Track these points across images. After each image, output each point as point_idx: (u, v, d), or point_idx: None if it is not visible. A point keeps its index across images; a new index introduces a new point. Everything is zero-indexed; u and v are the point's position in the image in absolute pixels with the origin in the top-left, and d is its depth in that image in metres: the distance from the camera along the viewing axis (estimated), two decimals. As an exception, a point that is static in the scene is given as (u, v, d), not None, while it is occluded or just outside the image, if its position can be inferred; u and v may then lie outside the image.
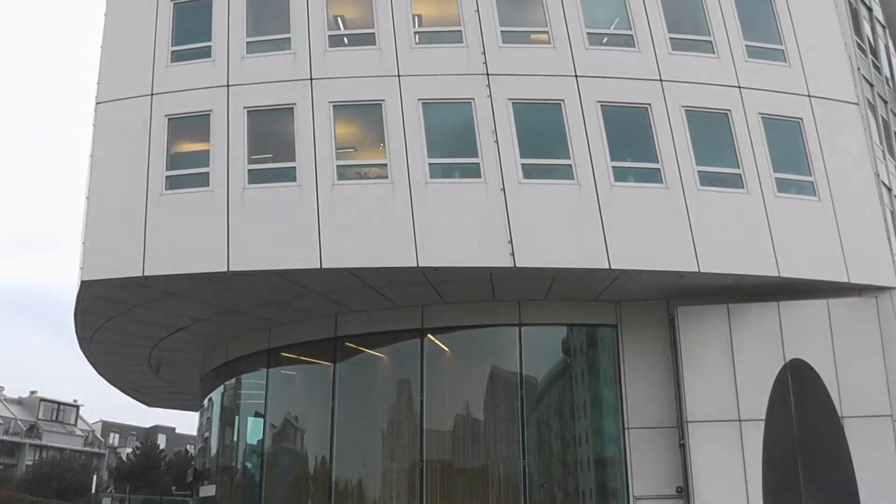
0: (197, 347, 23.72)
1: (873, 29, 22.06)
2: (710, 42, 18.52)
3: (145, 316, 20.25)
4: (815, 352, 17.66)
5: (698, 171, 17.41)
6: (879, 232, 18.26)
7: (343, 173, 17.40)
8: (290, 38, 18.53)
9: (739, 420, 17.46)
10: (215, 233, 17.21)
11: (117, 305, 19.51)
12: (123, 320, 20.55)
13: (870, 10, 22.17)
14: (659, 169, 17.40)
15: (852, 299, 17.97)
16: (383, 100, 17.64)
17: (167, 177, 17.92)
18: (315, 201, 17.06)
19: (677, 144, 17.51)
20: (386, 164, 17.28)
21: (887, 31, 22.13)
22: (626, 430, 18.59)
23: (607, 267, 16.70)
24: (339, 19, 19.09)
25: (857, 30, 21.01)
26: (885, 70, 21.97)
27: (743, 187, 17.60)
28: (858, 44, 20.69)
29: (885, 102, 21.39)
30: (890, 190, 19.87)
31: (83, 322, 20.98)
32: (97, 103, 18.92)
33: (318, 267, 16.74)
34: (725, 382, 17.73)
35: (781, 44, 18.76)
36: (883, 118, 21.05)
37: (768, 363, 17.74)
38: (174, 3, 19.64)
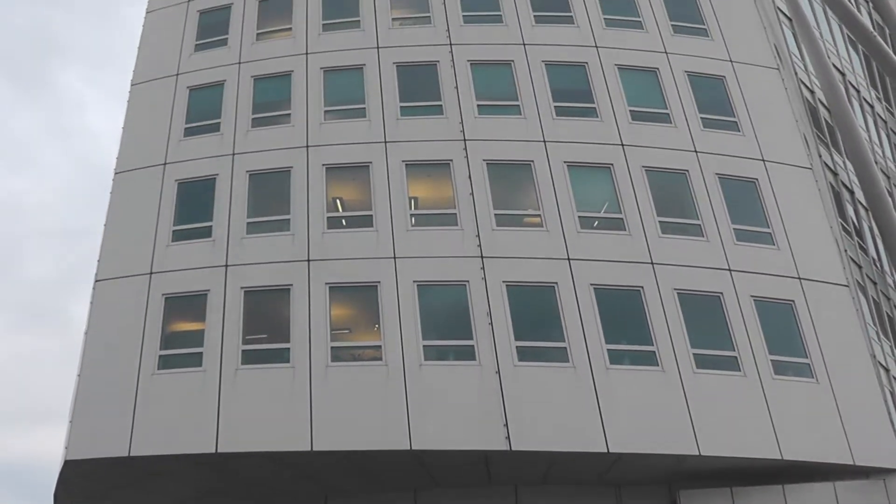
0: (180, 529, 22.76)
1: (856, 211, 22.69)
2: (699, 225, 18.99)
3: (128, 497, 19.55)
4: (825, 539, 16.99)
5: (694, 354, 17.40)
6: (881, 413, 18.01)
7: (337, 355, 17.38)
8: (289, 219, 19.03)
9: None
10: (205, 413, 16.98)
11: (100, 485, 18.90)
12: (106, 501, 19.83)
13: (851, 192, 22.89)
14: (654, 352, 17.40)
15: (860, 482, 17.47)
16: (379, 281, 17.89)
17: (160, 356, 17.91)
18: (308, 383, 16.93)
19: (671, 327, 17.59)
20: (380, 346, 17.29)
21: (870, 213, 22.78)
22: None
23: (605, 451, 16.35)
24: (337, 201, 19.67)
25: (841, 212, 21.61)
26: (872, 251, 22.41)
27: (739, 370, 17.51)
28: (843, 226, 21.21)
29: (875, 283, 21.68)
30: (888, 370, 19.77)
31: (63, 503, 20.23)
32: (96, 281, 19.17)
33: (310, 450, 16.37)
34: (733, 571, 16.94)
35: (769, 227, 19.21)
36: (874, 299, 21.26)
37: (777, 550, 17.00)
38: (178, 182, 20.28)
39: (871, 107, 27.12)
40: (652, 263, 18.26)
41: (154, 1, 24.63)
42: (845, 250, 20.14)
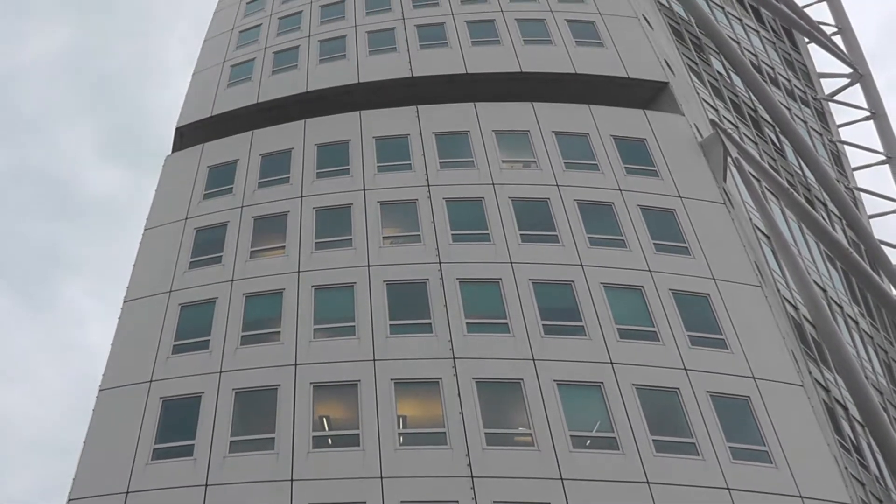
0: None
1: (853, 428, 22.29)
2: (694, 444, 18.50)
3: None
4: None
5: (698, 579, 16.42)
6: None
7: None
8: (274, 437, 18.58)
9: None
10: None
11: None
12: None
13: (845, 409, 22.60)
14: (656, 577, 16.44)
15: None
16: (364, 502, 17.28)
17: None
18: None
19: (672, 552, 16.72)
20: (365, 576, 16.34)
21: (867, 429, 22.40)
22: None
23: None
24: (324, 420, 19.29)
25: (838, 429, 21.23)
26: (873, 468, 21.80)
27: None
28: (841, 443, 20.76)
29: (880, 502, 20.92)
30: None
31: None
32: (69, 500, 18.40)
33: None
34: None
35: (765, 445, 18.71)
36: (881, 519, 20.46)
37: None
38: (162, 400, 19.97)
39: (856, 322, 27.44)
40: (648, 483, 17.62)
41: (153, 218, 25.46)
42: (846, 468, 19.57)
